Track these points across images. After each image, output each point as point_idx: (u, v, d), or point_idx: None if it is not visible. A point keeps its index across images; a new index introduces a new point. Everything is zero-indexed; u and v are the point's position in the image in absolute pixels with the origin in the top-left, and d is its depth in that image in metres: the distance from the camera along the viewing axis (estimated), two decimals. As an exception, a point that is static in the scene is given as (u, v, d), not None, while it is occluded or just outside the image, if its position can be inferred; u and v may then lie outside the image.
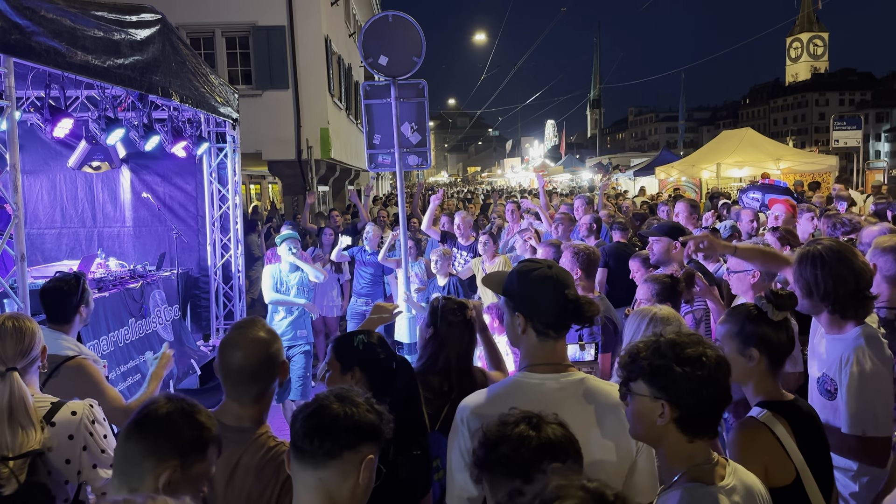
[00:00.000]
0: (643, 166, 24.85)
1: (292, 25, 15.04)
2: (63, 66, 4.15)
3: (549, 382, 1.91)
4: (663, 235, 4.39)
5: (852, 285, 2.42)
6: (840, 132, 18.29)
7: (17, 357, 2.27)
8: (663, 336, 1.70)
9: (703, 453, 1.69)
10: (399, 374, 2.38)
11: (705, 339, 1.71)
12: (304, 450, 1.57)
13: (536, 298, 1.95)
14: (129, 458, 1.61)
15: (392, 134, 6.02)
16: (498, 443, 1.48)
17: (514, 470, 1.43)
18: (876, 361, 2.37)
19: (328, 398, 1.62)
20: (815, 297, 2.48)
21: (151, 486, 1.58)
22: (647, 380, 1.67)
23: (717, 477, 1.68)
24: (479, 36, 37.12)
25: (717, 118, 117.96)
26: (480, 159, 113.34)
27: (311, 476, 1.57)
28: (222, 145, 8.02)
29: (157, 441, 1.61)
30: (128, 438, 1.64)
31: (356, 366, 2.35)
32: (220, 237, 8.08)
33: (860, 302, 2.44)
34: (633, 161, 31.21)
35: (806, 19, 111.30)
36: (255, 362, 2.05)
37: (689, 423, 1.65)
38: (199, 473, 1.66)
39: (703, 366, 1.62)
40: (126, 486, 1.59)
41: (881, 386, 2.37)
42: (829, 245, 2.50)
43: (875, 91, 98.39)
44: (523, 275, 1.99)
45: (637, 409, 1.70)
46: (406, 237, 6.39)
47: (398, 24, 5.90)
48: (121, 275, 6.62)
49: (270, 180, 24.40)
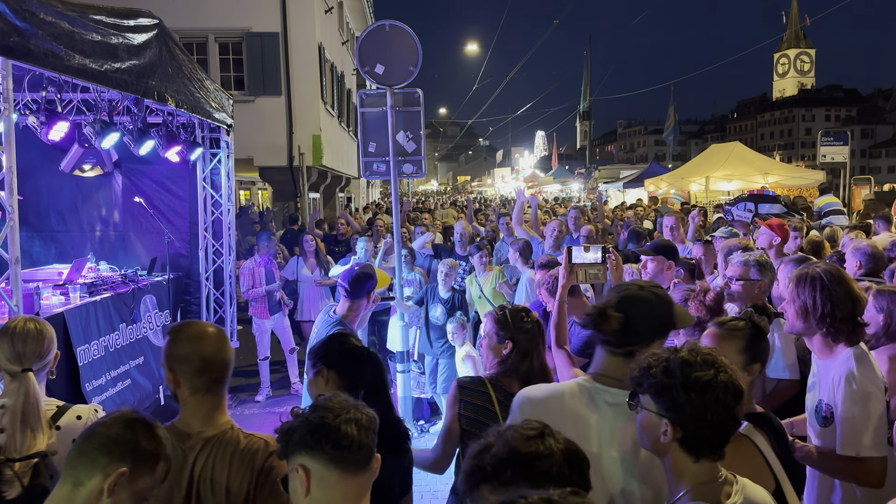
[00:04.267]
0: (632, 178, 24.99)
1: (286, 32, 15.07)
2: (61, 69, 4.15)
3: (609, 396, 2.00)
4: (657, 255, 4.44)
5: (849, 309, 2.44)
6: (827, 147, 18.50)
7: (35, 359, 2.29)
8: (677, 353, 1.68)
9: (708, 472, 1.67)
10: (367, 367, 2.41)
11: (720, 360, 1.67)
12: (343, 458, 1.60)
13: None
14: (83, 453, 1.65)
15: (387, 142, 6.04)
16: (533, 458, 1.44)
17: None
18: (867, 382, 2.38)
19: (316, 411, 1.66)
20: (812, 318, 2.49)
21: (98, 485, 1.61)
22: (654, 397, 1.67)
23: (724, 495, 1.66)
24: (472, 46, 37.28)
25: (705, 132, 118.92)
26: (470, 168, 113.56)
27: (356, 482, 1.62)
28: (216, 151, 8.00)
29: (115, 442, 1.65)
30: (89, 436, 1.68)
31: (321, 364, 2.38)
32: (213, 243, 8.05)
33: (854, 327, 2.46)
34: (623, 173, 31.37)
35: (793, 36, 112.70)
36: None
37: (693, 445, 1.64)
38: (143, 488, 1.68)
39: (711, 391, 1.60)
40: (73, 479, 1.62)
41: (873, 406, 2.37)
42: (828, 268, 2.52)
43: (861, 107, 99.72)
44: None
45: (643, 423, 1.71)
46: (400, 245, 6.41)
47: (395, 33, 5.94)
48: (112, 279, 6.58)
49: (260, 186, 24.35)
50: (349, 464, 1.59)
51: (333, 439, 1.58)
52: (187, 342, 2.07)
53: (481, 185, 75.13)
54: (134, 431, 1.68)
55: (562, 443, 1.46)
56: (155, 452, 1.69)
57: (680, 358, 1.65)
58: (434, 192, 71.43)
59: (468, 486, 1.46)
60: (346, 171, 20.57)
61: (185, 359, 2.04)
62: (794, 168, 20.99)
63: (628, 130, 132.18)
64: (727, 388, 1.61)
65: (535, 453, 1.42)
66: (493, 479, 1.42)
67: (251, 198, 30.40)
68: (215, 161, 8.00)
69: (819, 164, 19.27)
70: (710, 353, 1.69)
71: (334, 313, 3.83)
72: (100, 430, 1.68)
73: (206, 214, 7.98)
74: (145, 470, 1.67)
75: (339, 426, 1.59)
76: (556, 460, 1.42)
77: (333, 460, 1.58)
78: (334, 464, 1.58)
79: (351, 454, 1.59)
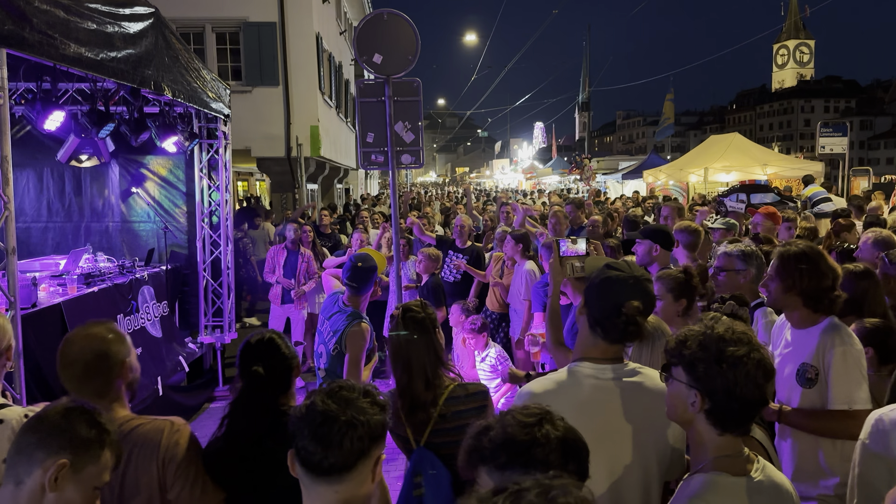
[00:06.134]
0: (631, 170, 24.95)
1: (283, 22, 14.98)
2: (56, 57, 4.10)
3: (606, 373, 2.04)
4: (646, 238, 4.42)
5: (829, 282, 2.67)
6: (826, 139, 18.47)
7: None
8: (714, 329, 1.70)
9: (732, 446, 1.71)
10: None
11: (755, 339, 1.70)
12: (315, 465, 1.51)
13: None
14: (21, 450, 1.61)
15: (385, 132, 6.00)
16: (530, 445, 1.43)
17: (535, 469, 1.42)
18: (853, 342, 2.62)
19: (328, 404, 1.55)
20: (795, 291, 2.69)
21: (39, 480, 1.58)
22: (686, 368, 1.70)
23: (745, 471, 1.70)
24: (471, 36, 37.12)
25: (704, 123, 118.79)
26: (469, 160, 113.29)
27: (328, 490, 1.53)
28: (213, 141, 7.96)
29: (50, 434, 1.61)
30: (25, 431, 1.64)
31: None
32: (210, 234, 8.02)
33: (834, 298, 2.68)
34: (621, 164, 31.32)
35: (793, 27, 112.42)
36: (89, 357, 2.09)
37: (719, 417, 1.67)
38: (90, 475, 1.64)
39: (742, 366, 1.63)
40: (14, 478, 1.59)
41: (862, 364, 2.60)
42: (807, 245, 2.77)
43: (859, 99, 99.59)
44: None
45: (673, 393, 1.76)
46: (398, 236, 6.39)
47: (393, 22, 5.89)
48: (109, 270, 6.56)
49: (258, 177, 24.27)
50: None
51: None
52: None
53: (480, 176, 74.93)
54: (70, 421, 1.64)
55: (560, 430, 1.44)
56: (97, 439, 1.65)
57: (716, 334, 1.68)
58: (431, 184, 71.29)
59: (466, 464, 1.48)
60: (344, 163, 20.51)
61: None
62: (793, 159, 20.96)
63: (627, 122, 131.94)
64: (759, 366, 1.64)
65: (531, 440, 1.41)
66: (490, 462, 1.43)
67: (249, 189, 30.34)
68: (213, 151, 7.97)
69: (818, 155, 19.26)
70: (745, 331, 1.71)
71: (345, 304, 3.86)
72: (35, 424, 1.64)
73: (203, 205, 7.95)
74: (88, 459, 1.62)
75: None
76: (552, 448, 1.41)
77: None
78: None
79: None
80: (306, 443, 1.52)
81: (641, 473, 1.97)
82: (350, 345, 3.71)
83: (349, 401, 1.56)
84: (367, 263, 3.87)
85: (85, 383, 2.07)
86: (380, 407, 1.60)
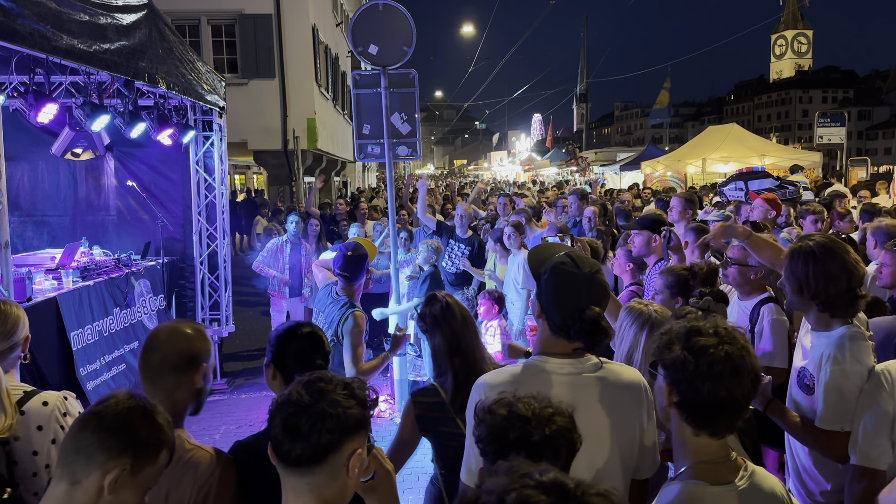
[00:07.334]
0: (629, 161, 24.93)
1: (279, 14, 14.90)
2: (48, 49, 4.07)
3: (566, 367, 1.95)
4: (643, 228, 4.40)
5: (843, 283, 2.38)
6: (824, 129, 18.46)
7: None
8: (693, 322, 1.67)
9: (713, 450, 1.63)
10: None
11: (736, 335, 1.62)
12: (286, 456, 1.50)
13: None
14: (79, 450, 1.52)
15: (381, 124, 5.98)
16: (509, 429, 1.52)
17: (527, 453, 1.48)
18: (856, 362, 2.35)
19: (301, 395, 1.53)
20: (805, 294, 2.45)
21: (97, 483, 1.50)
22: (660, 359, 1.67)
23: (726, 478, 1.60)
24: (468, 28, 37.00)
25: (702, 114, 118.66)
26: (467, 152, 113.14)
27: (299, 481, 1.51)
28: (208, 133, 7.92)
29: (113, 435, 1.53)
30: (82, 428, 1.55)
31: (271, 362, 2.35)
32: (207, 227, 8.00)
33: (850, 300, 2.40)
34: (619, 156, 31.26)
35: (791, 17, 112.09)
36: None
37: (688, 412, 1.61)
38: (146, 477, 1.58)
39: (706, 356, 1.56)
40: (69, 477, 1.51)
41: (852, 386, 2.34)
42: (821, 241, 2.46)
43: (857, 89, 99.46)
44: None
45: (656, 389, 1.74)
46: (395, 228, 6.37)
47: (389, 13, 5.86)
48: (105, 263, 6.54)
49: (255, 170, 24.23)
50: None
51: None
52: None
53: (478, 168, 74.84)
54: (132, 421, 1.55)
55: (531, 408, 1.54)
56: (157, 440, 1.58)
57: (691, 326, 1.64)
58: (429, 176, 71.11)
59: (488, 457, 1.55)
60: (341, 155, 20.46)
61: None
62: (791, 149, 20.98)
63: (625, 113, 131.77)
64: (726, 359, 1.56)
65: (509, 427, 1.51)
66: (487, 458, 1.55)
67: (246, 182, 30.27)
68: (208, 144, 7.93)
69: (816, 145, 19.26)
70: (727, 328, 1.63)
71: (339, 294, 3.86)
72: (94, 421, 1.55)
73: (199, 198, 7.91)
74: (147, 461, 1.56)
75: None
76: (533, 427, 1.50)
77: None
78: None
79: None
80: (277, 432, 1.51)
81: (604, 471, 1.87)
82: (347, 334, 3.71)
83: (323, 392, 1.53)
84: (357, 252, 3.86)
85: (161, 376, 2.02)
86: (357, 400, 1.55)
